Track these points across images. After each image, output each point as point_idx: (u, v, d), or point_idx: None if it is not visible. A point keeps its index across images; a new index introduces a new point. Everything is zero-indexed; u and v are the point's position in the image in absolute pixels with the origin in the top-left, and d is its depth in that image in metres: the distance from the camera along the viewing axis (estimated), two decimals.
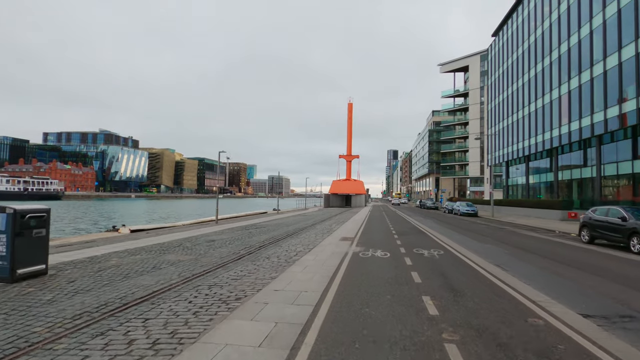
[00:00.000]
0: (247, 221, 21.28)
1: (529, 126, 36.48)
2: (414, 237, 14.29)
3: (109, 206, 79.22)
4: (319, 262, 8.67)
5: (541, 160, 35.75)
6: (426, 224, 22.02)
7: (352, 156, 58.60)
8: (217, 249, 10.52)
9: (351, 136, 58.11)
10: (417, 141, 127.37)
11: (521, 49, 38.78)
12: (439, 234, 16.16)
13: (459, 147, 75.16)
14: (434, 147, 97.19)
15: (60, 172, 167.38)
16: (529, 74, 36.72)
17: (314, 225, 19.58)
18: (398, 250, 10.24)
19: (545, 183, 34.79)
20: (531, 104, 35.94)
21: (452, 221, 25.63)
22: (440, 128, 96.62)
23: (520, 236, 16.05)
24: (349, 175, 59.16)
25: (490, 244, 12.67)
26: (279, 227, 18.16)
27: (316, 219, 24.18)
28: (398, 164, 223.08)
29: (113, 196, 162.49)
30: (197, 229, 16.17)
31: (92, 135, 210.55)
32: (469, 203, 34.72)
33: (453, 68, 72.43)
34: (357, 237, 13.91)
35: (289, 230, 16.95)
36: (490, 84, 49.59)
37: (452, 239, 14.00)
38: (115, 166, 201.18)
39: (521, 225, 22.48)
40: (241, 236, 13.76)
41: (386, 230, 17.11)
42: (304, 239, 13.40)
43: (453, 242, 12.76)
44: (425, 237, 14.77)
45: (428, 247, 11.05)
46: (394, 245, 11.60)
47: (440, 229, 18.52)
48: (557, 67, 30.84)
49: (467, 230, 18.31)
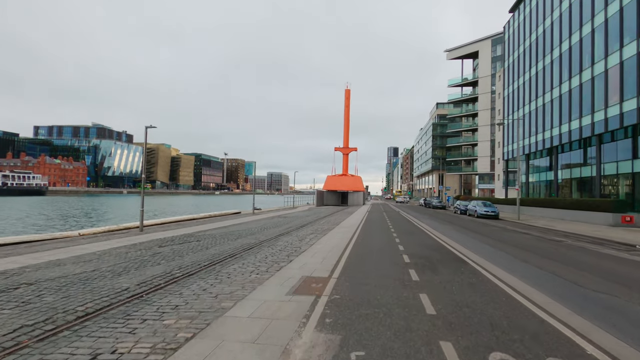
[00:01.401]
0: (190, 228, 15.27)
1: (559, 111, 30.49)
2: (456, 282, 6.52)
3: (88, 203, 73.43)
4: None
5: (573, 152, 29.83)
6: (449, 234, 16.06)
7: (349, 149, 52.44)
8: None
9: (348, 126, 51.99)
10: (419, 136, 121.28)
11: (549, 20, 32.70)
12: (495, 265, 8.38)
13: (466, 141, 69.14)
14: (437, 142, 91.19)
15: (49, 167, 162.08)
16: (560, 48, 30.67)
17: (275, 240, 12.15)
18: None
19: (580, 179, 28.86)
20: (563, 84, 29.92)
21: (478, 228, 19.71)
22: (444, 122, 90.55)
23: (595, 257, 10.17)
24: (346, 170, 53.06)
25: (589, 287, 6.72)
26: (212, 244, 10.84)
27: (293, 225, 18.27)
28: (398, 161, 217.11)
29: (104, 192, 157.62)
30: (58, 251, 9.15)
31: (84, 129, 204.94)
32: (486, 202, 28.80)
33: (461, 54, 66.26)
34: (332, 280, 6.37)
35: (211, 255, 8.89)
36: (507, 66, 43.52)
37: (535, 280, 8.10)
38: (108, 161, 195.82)
39: (568, 234, 16.60)
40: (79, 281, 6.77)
41: (392, 254, 9.71)
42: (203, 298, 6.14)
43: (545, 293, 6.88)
44: (470, 271, 7.75)
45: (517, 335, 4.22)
46: (422, 331, 4.19)
47: (479, 248, 11.58)
48: (602, 35, 24.81)
49: (517, 248, 12.39)
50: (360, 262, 8.19)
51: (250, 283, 6.18)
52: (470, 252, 10.39)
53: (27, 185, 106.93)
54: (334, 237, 13.19)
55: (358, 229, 16.03)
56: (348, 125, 51.89)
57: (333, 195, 50.74)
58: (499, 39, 59.58)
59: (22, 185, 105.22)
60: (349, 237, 13.21)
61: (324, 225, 17.85)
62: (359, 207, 44.73)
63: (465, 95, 66.42)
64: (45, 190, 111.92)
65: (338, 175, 52.08)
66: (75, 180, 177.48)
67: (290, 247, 10.47)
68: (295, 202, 52.50)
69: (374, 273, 7.00)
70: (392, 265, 7.86)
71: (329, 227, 16.75)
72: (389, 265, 7.97)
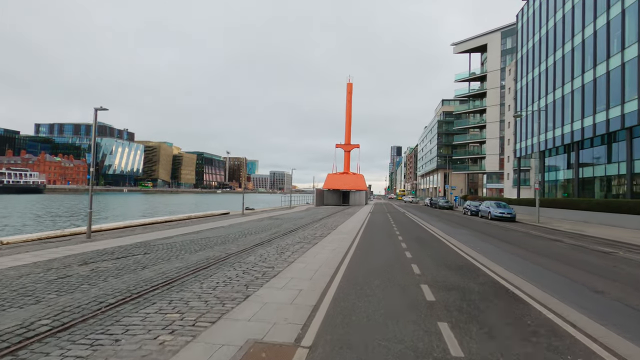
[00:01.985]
0: (154, 234, 12.58)
1: (581, 103, 27.65)
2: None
3: (84, 201, 71.34)
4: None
5: (596, 148, 27.01)
6: (470, 243, 13.41)
7: (351, 145, 49.66)
8: None
9: (350, 122, 49.19)
10: (423, 134, 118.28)
11: (569, 4, 29.81)
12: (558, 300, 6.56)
13: (474, 139, 66.19)
14: (443, 140, 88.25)
15: (49, 165, 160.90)
16: (582, 33, 27.81)
17: (247, 254, 9.26)
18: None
19: (604, 177, 26.03)
20: (587, 73, 27.08)
21: (498, 233, 17.03)
22: (450, 119, 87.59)
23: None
24: (347, 168, 50.29)
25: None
26: (159, 259, 8.06)
27: (281, 229, 15.64)
28: (402, 160, 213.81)
29: (104, 190, 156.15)
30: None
31: (85, 127, 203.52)
32: (501, 203, 26.04)
33: (469, 48, 63.28)
34: (300, 353, 3.47)
35: (126, 288, 5.73)
36: (520, 57, 40.61)
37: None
38: (109, 159, 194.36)
39: (611, 242, 13.88)
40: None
41: (404, 280, 6.71)
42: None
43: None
44: (540, 323, 5.27)
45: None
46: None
47: (519, 267, 8.90)
48: (634, 15, 21.94)
49: (560, 262, 9.69)
50: (355, 302, 5.18)
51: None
52: (513, 274, 7.51)
53: (24, 183, 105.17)
54: (324, 248, 10.56)
55: (358, 236, 13.40)
56: (350, 121, 49.13)
57: (334, 195, 48.04)
58: (509, 31, 56.58)
59: (19, 183, 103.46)
60: (344, 248, 10.58)
61: (318, 231, 15.23)
62: (360, 207, 42.09)
63: (473, 91, 63.46)
64: (42, 188, 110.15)
65: (339, 173, 49.36)
66: (75, 179, 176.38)
67: (261, 267, 7.67)
68: (295, 201, 49.95)
69: (377, 332, 4.06)
70: (407, 309, 4.95)
71: (322, 233, 14.13)
72: (401, 307, 5.02)
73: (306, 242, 11.86)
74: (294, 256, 9.08)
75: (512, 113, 52.60)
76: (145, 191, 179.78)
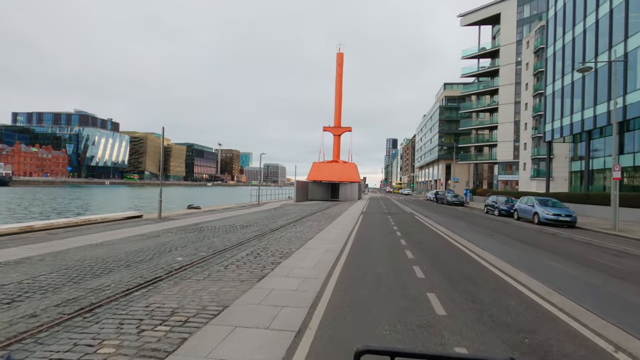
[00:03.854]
0: None
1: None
2: None
3: (53, 195, 62.81)
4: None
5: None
6: (559, 285, 5.63)
7: (342, 129, 41.31)
8: None
9: (340, 101, 40.77)
10: (422, 124, 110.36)
11: None
12: None
13: (483, 124, 58.34)
14: (445, 128, 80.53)
15: (25, 156, 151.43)
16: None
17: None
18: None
19: None
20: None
21: (585, 254, 9.32)
22: (453, 104, 79.72)
23: None
24: (337, 155, 42.06)
25: None
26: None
27: (161, 263, 7.66)
28: (398, 152, 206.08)
29: (83, 182, 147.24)
30: None
31: (65, 116, 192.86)
32: (550, 200, 18.16)
33: (478, 19, 55.09)
34: None
35: None
36: (551, 16, 32.55)
37: None
38: (92, 150, 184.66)
39: None
40: None
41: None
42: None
43: None
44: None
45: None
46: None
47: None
48: None
49: None
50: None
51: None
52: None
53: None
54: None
55: (337, 268, 5.66)
56: (340, 100, 40.71)
57: (320, 188, 39.98)
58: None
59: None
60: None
61: (247, 266, 7.29)
62: (352, 203, 34.25)
63: (482, 69, 55.38)
64: (8, 180, 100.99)
65: (327, 162, 41.09)
66: (55, 170, 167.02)
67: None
68: (275, 195, 41.91)
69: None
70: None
71: (253, 272, 6.33)
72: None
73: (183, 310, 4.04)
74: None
75: (530, 93, 44.86)
76: (130, 184, 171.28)
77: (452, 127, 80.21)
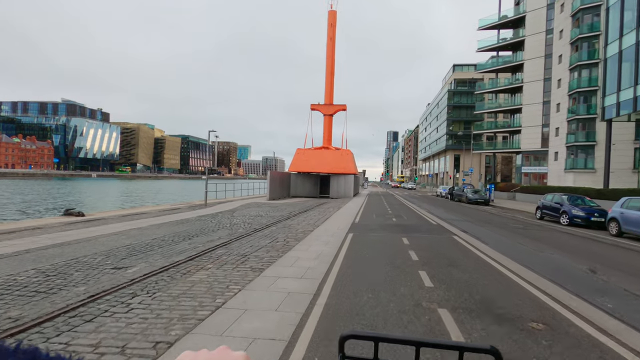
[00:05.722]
0: None
1: None
2: None
3: (26, 189, 54.80)
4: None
5: None
6: None
7: (334, 107, 32.33)
8: None
9: (333, 72, 31.88)
10: (426, 112, 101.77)
11: None
12: None
13: (502, 106, 49.84)
14: (454, 114, 72.07)
15: (6, 146, 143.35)
16: None
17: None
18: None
19: None
20: None
21: None
22: (463, 89, 71.21)
23: None
24: (329, 140, 33.39)
25: None
26: None
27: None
28: (399, 145, 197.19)
29: (68, 175, 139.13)
30: None
31: (52, 106, 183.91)
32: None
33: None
34: None
35: None
36: None
37: None
38: (80, 141, 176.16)
39: None
40: None
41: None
42: None
43: None
44: None
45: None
46: None
47: None
48: None
49: None
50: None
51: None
52: None
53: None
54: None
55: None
56: (332, 70, 31.94)
57: (306, 181, 31.51)
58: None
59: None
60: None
61: None
62: (346, 201, 26.21)
63: (503, 41, 46.71)
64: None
65: (314, 148, 32.55)
66: (39, 162, 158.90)
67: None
68: (255, 190, 33.87)
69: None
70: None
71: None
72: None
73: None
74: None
75: (564, 66, 36.49)
76: (121, 176, 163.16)
77: (461, 113, 71.79)
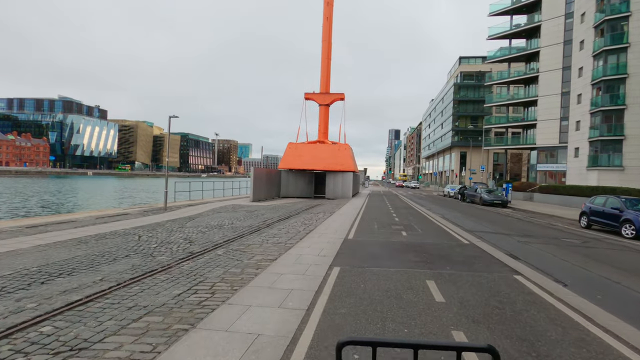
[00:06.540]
0: None
1: None
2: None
3: (18, 187, 51.68)
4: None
5: None
6: None
7: (331, 96, 28.41)
8: None
9: (329, 58, 28.12)
10: (429, 109, 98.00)
11: None
12: None
13: (512, 98, 46.12)
14: (460, 109, 68.35)
15: (0, 144, 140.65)
16: None
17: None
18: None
19: None
20: None
21: None
22: (470, 82, 67.48)
23: None
24: (325, 134, 29.61)
25: None
26: None
27: None
28: (401, 143, 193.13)
29: (63, 173, 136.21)
30: None
31: (48, 102, 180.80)
32: None
33: None
34: None
35: None
36: None
37: None
38: (77, 139, 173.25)
39: None
40: None
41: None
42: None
43: None
44: None
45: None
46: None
47: None
48: None
49: None
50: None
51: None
52: None
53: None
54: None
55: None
56: (329, 54, 28.17)
57: (299, 180, 27.83)
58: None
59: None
60: None
61: None
62: (343, 203, 22.69)
63: (516, 27, 42.93)
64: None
65: (309, 142, 29.07)
66: (34, 160, 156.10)
67: None
68: (243, 189, 30.34)
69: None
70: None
71: None
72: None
73: None
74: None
75: (587, 53, 32.80)
76: (120, 174, 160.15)
77: (468, 108, 68.11)
